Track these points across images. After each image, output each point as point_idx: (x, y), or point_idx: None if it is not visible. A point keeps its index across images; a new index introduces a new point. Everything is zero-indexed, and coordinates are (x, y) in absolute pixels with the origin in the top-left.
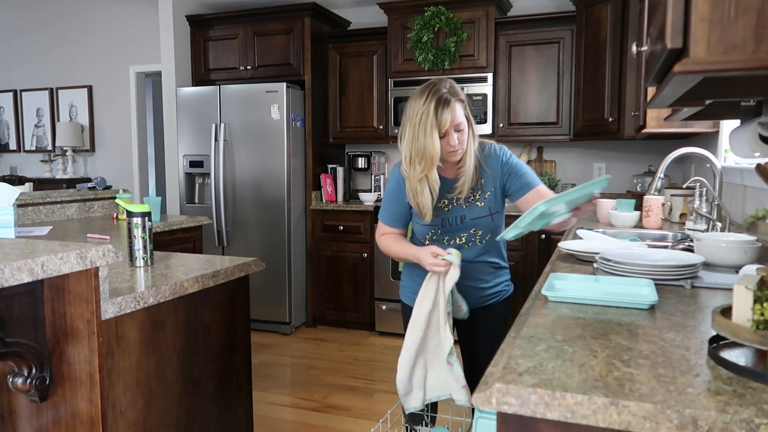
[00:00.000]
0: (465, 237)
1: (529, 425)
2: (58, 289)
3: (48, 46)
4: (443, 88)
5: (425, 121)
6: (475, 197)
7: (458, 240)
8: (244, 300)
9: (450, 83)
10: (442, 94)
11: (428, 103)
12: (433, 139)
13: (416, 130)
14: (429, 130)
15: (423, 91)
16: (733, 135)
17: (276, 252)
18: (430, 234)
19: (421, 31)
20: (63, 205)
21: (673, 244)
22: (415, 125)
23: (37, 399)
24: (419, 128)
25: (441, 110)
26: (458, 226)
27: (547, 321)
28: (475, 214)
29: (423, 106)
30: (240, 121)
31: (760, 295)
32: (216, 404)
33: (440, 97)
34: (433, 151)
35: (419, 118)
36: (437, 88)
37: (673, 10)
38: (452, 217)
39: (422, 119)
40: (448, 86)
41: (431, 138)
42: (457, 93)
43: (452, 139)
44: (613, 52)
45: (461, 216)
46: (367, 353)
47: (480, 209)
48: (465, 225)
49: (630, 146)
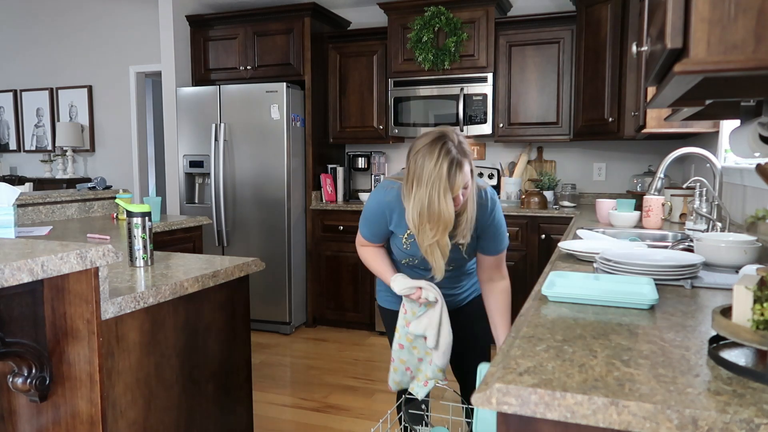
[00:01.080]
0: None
1: (529, 425)
2: (58, 289)
3: (48, 46)
4: (453, 147)
5: (438, 185)
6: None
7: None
8: (244, 300)
9: (458, 137)
10: (454, 156)
11: (440, 165)
12: (447, 204)
13: (430, 192)
14: (443, 195)
15: (432, 148)
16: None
17: (276, 252)
18: (407, 260)
19: (421, 31)
20: (63, 205)
21: (673, 244)
22: (426, 187)
23: (37, 399)
24: (432, 191)
25: (454, 174)
26: None
27: (547, 321)
28: (453, 255)
29: (435, 168)
30: (240, 121)
31: (760, 295)
32: (216, 404)
33: (452, 159)
34: (448, 217)
35: (432, 181)
36: (448, 148)
37: (673, 10)
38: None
39: (434, 183)
40: (457, 142)
41: (445, 202)
42: (465, 151)
43: (459, 199)
44: (613, 52)
45: None
46: (367, 353)
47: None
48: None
49: (630, 146)
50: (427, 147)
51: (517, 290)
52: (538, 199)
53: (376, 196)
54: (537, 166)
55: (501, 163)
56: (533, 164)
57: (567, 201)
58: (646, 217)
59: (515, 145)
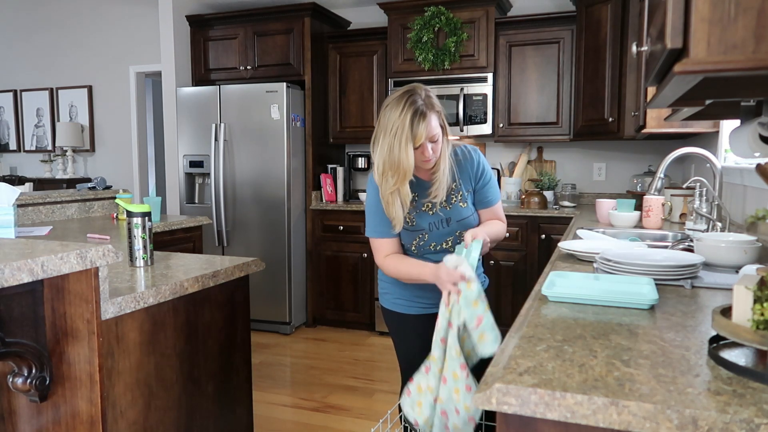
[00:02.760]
0: (451, 240)
1: (529, 425)
2: (58, 289)
3: (48, 46)
4: (419, 99)
5: (400, 134)
6: (457, 198)
7: (444, 245)
8: (244, 300)
9: (426, 92)
10: (419, 106)
11: (404, 115)
12: (408, 153)
13: (392, 142)
14: (404, 144)
15: (399, 101)
16: (733, 135)
17: (276, 252)
18: (416, 240)
19: (421, 31)
20: (63, 205)
21: (673, 244)
22: (390, 137)
23: (37, 399)
24: (394, 141)
25: (417, 123)
26: (444, 229)
27: (547, 321)
28: (460, 216)
29: (399, 117)
30: (240, 121)
31: (760, 295)
32: (216, 404)
33: (416, 110)
34: (407, 165)
35: (395, 130)
36: (413, 99)
37: (673, 10)
38: (437, 220)
39: (398, 132)
40: (424, 95)
41: (406, 152)
42: (433, 104)
43: (426, 150)
44: (613, 52)
45: (446, 218)
46: (367, 353)
47: (463, 210)
48: (451, 227)
49: (630, 146)
50: (395, 100)
51: (517, 290)
52: (538, 199)
53: (372, 185)
54: (537, 166)
55: (501, 163)
56: (533, 164)
57: (567, 201)
58: (646, 217)
59: (515, 145)
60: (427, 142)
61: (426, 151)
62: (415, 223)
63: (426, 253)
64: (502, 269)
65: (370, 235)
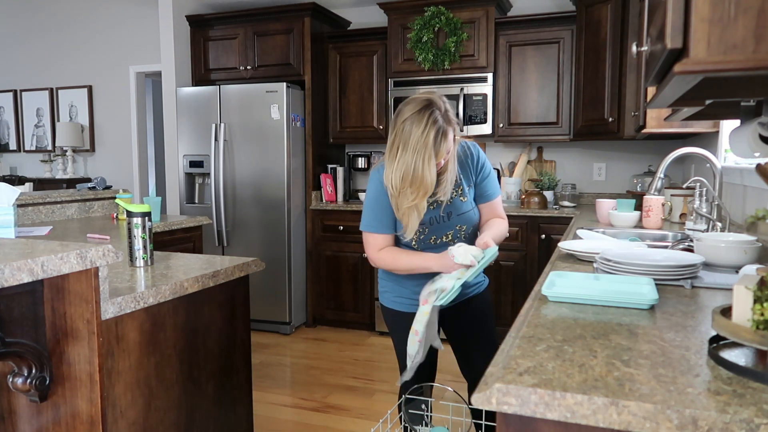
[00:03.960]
0: (451, 234)
1: (529, 425)
2: (58, 289)
3: (48, 46)
4: (440, 116)
5: (423, 152)
6: (457, 192)
7: (445, 238)
8: (244, 300)
9: (444, 105)
10: (441, 125)
11: (427, 134)
12: (431, 171)
13: (415, 158)
14: (427, 161)
15: (420, 116)
16: (733, 135)
17: (276, 252)
18: (417, 234)
19: (421, 31)
20: (63, 205)
21: (673, 244)
22: (412, 153)
23: (37, 399)
24: (417, 158)
25: (440, 142)
26: (445, 223)
27: (547, 321)
28: (461, 210)
29: (422, 135)
30: (240, 121)
31: (760, 295)
32: (216, 404)
33: (439, 128)
34: (429, 183)
35: (418, 148)
36: (435, 117)
37: (673, 10)
38: (438, 215)
39: (420, 149)
40: (444, 110)
41: (429, 169)
42: (450, 119)
43: (441, 163)
44: (613, 52)
45: (447, 213)
46: (367, 353)
47: (464, 204)
48: (452, 222)
49: (630, 146)
50: (415, 115)
51: (517, 290)
52: (538, 199)
53: (375, 179)
54: (537, 166)
55: (501, 163)
56: (533, 164)
57: (567, 201)
58: (646, 217)
59: (515, 145)
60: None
61: (440, 163)
62: None
63: (426, 248)
64: (502, 269)
65: (365, 229)
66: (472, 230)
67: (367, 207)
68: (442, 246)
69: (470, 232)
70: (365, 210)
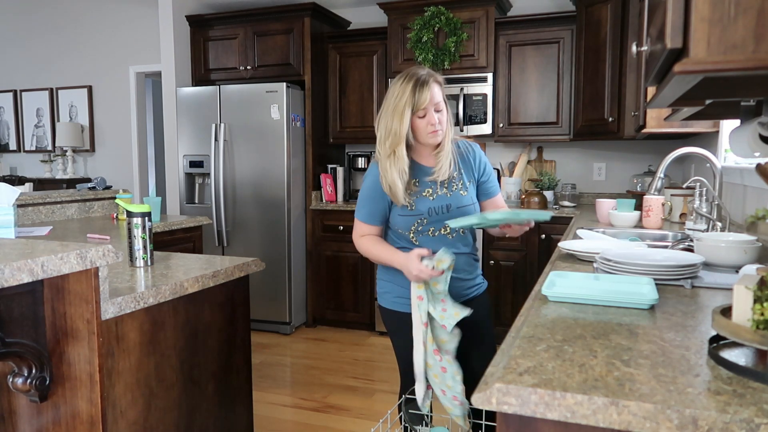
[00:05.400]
0: (450, 228)
1: (529, 425)
2: (58, 289)
3: (48, 46)
4: (421, 71)
5: (400, 100)
6: (458, 186)
7: (443, 230)
8: (244, 300)
9: (429, 69)
10: (420, 75)
11: (405, 84)
12: (404, 117)
13: (390, 109)
14: (401, 109)
15: (401, 76)
16: (733, 135)
17: (276, 252)
18: (415, 225)
19: (421, 31)
20: (63, 205)
21: (673, 244)
22: (389, 105)
23: (37, 399)
24: (392, 108)
25: (419, 90)
26: (444, 215)
27: (547, 321)
28: (460, 203)
29: (400, 87)
30: (240, 121)
31: (760, 295)
32: (216, 404)
33: (418, 78)
34: (399, 128)
35: (395, 98)
36: (415, 71)
37: (673, 10)
38: (438, 206)
39: (398, 99)
40: (427, 70)
41: (400, 116)
42: (435, 75)
43: (432, 117)
44: (613, 52)
45: (447, 205)
46: (367, 353)
47: (464, 198)
48: (451, 214)
49: (630, 146)
50: (398, 76)
51: (517, 290)
52: (538, 199)
53: (372, 171)
54: (537, 166)
55: (501, 163)
56: (533, 164)
57: (567, 201)
58: (646, 217)
59: (515, 145)
60: (431, 109)
61: (431, 118)
62: (414, 207)
63: (424, 239)
64: (502, 269)
65: (356, 215)
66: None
67: (361, 196)
68: (441, 238)
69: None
70: (359, 199)
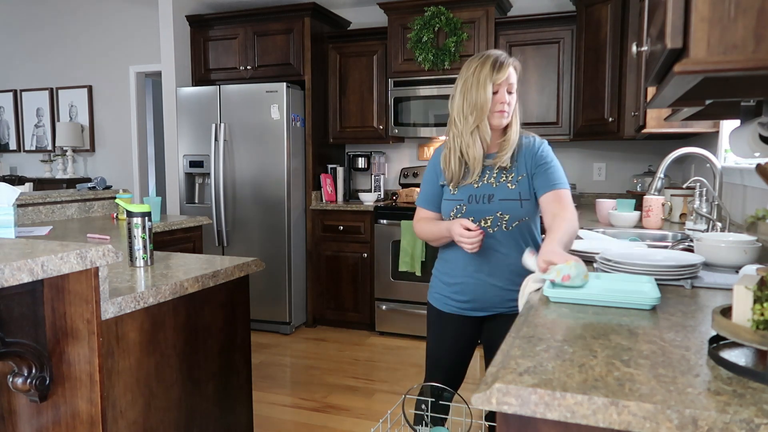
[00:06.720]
0: (491, 220)
1: (529, 425)
2: (58, 289)
3: (48, 46)
4: (498, 53)
5: (479, 74)
6: (507, 178)
7: (483, 222)
8: (244, 300)
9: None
10: (500, 55)
11: (485, 60)
12: (486, 90)
13: (469, 82)
14: (482, 82)
15: (478, 55)
16: (733, 135)
17: (276, 252)
18: (454, 210)
19: (421, 31)
20: (63, 205)
21: (673, 244)
22: (468, 79)
23: (37, 399)
24: (472, 80)
25: (497, 67)
26: (484, 205)
27: (547, 321)
28: (504, 195)
29: (478, 61)
30: (240, 121)
31: (760, 295)
32: (216, 404)
33: (497, 57)
34: (485, 100)
35: (473, 72)
36: (493, 52)
37: (673, 10)
38: (479, 194)
39: (476, 72)
40: (505, 54)
41: (484, 89)
42: (515, 60)
43: (503, 95)
44: (613, 52)
45: (489, 195)
46: (367, 353)
47: (510, 191)
48: (492, 205)
49: (630, 146)
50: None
51: None
52: None
53: (433, 157)
54: None
55: None
56: None
57: None
58: (646, 217)
59: None
60: (505, 89)
61: (503, 96)
62: (456, 192)
63: None
64: None
65: (417, 202)
66: (516, 225)
67: (422, 182)
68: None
69: (513, 225)
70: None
